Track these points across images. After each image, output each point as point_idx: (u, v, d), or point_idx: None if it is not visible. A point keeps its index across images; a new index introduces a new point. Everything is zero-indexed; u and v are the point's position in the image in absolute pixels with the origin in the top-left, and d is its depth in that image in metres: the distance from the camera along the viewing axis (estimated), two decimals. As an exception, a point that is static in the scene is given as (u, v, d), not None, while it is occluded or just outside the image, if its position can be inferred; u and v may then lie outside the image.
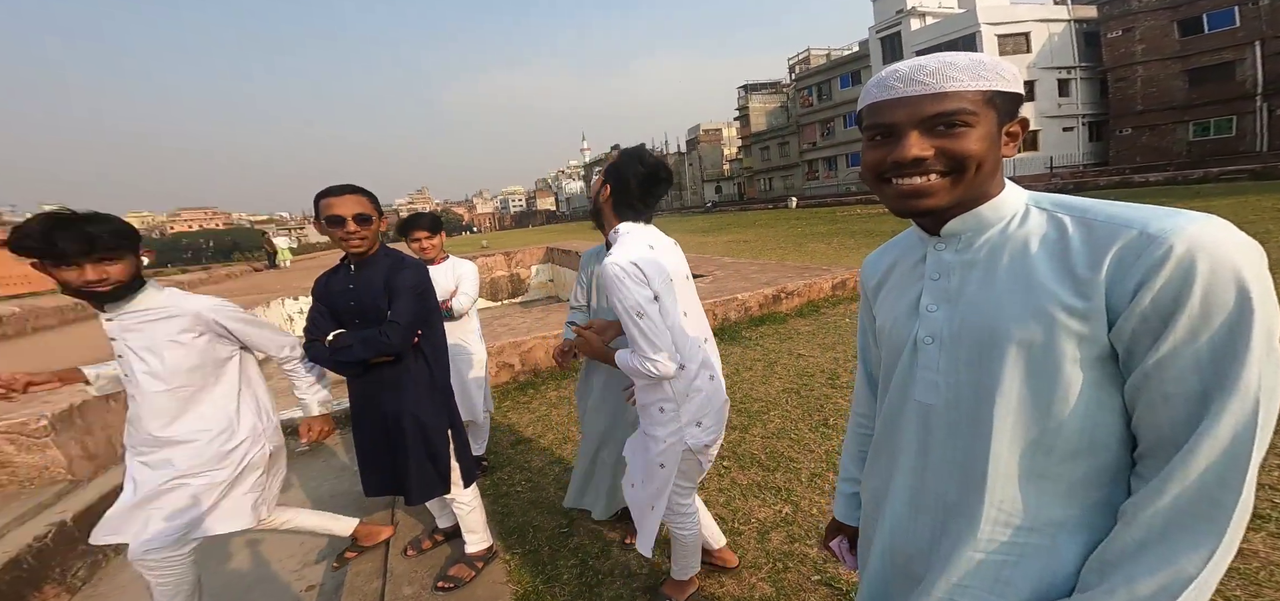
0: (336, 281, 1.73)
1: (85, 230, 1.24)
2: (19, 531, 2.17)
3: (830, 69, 35.01)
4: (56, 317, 7.13)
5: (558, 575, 1.96)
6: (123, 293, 1.38)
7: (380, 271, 1.68)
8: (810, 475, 2.43)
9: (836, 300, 5.61)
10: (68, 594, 2.17)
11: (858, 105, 0.69)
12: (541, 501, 2.46)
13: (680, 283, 1.37)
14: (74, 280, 1.28)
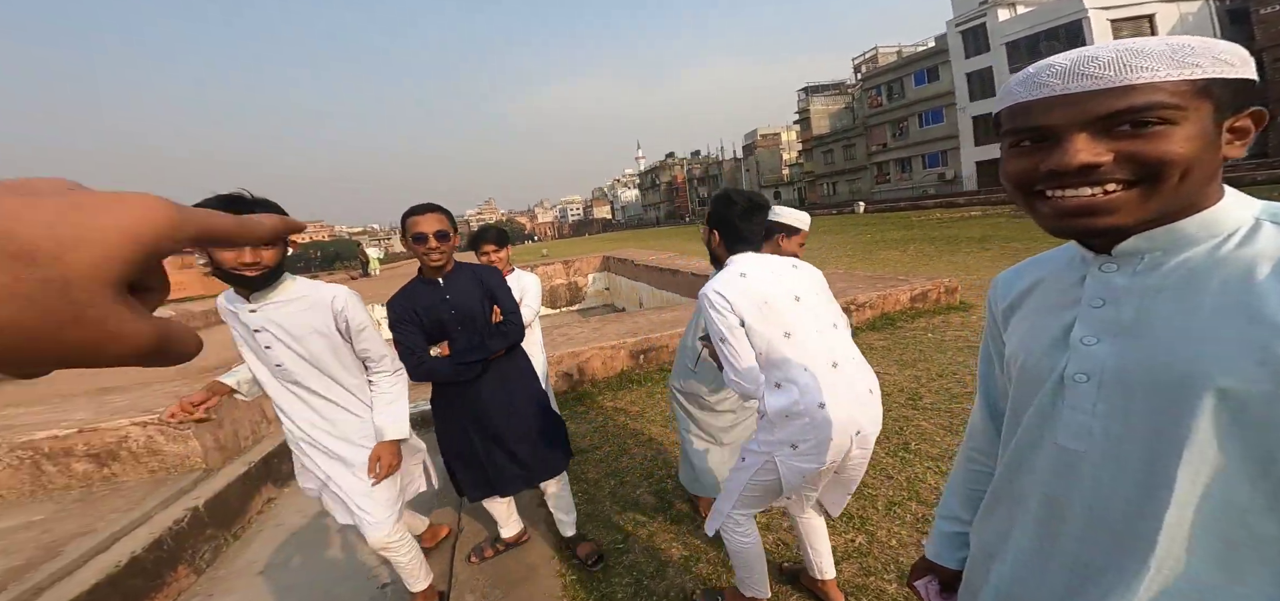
0: (427, 296, 1.77)
1: (258, 211, 1.33)
2: (162, 514, 2.50)
3: (903, 66, 32.96)
4: (203, 321, 8.35)
5: (612, 593, 1.93)
6: (268, 279, 1.41)
7: (469, 278, 1.82)
8: (888, 503, 2.23)
9: (916, 313, 5.18)
10: (195, 574, 2.44)
11: (995, 108, 0.59)
12: (597, 514, 2.44)
13: (782, 304, 1.37)
14: (231, 260, 1.31)
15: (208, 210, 0.22)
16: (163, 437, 3.08)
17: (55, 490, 2.84)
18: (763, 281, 1.38)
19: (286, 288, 1.51)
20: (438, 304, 1.77)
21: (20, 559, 2.08)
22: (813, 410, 1.30)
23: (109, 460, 3.00)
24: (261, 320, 1.48)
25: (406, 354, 1.74)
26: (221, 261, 1.32)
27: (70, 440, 2.93)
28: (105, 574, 2.03)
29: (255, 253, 1.34)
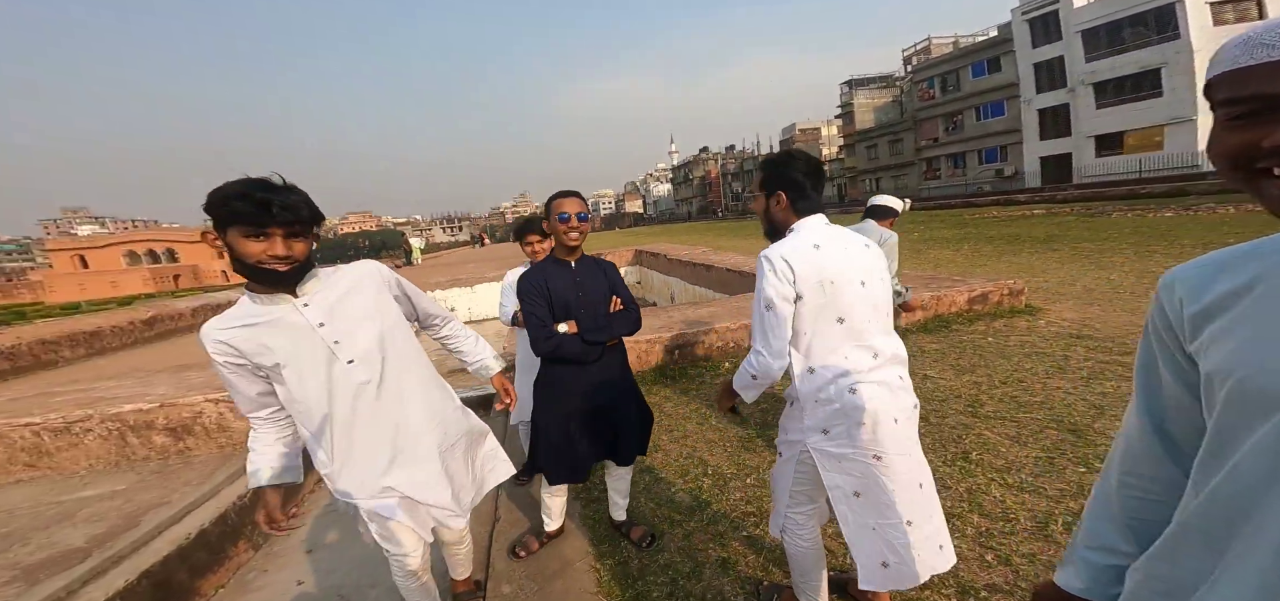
0: (560, 276, 1.89)
1: (290, 197, 1.13)
2: (229, 489, 2.67)
3: (959, 57, 31.09)
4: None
5: (646, 592, 1.88)
6: (294, 278, 1.22)
7: (595, 267, 1.96)
8: (949, 515, 2.06)
9: (974, 316, 4.83)
10: (253, 550, 2.57)
11: (1207, 74, 0.52)
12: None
13: (846, 287, 1.30)
14: (259, 253, 1.13)
15: None
16: (232, 414, 3.29)
17: (137, 461, 3.09)
18: (835, 257, 1.31)
19: (326, 277, 1.34)
20: (569, 284, 1.88)
21: (104, 526, 2.27)
22: (844, 395, 1.28)
23: (185, 434, 3.24)
24: (321, 313, 1.27)
25: (537, 325, 1.83)
26: (246, 254, 1.13)
27: (152, 414, 3.18)
28: (176, 546, 2.17)
29: (287, 243, 1.16)
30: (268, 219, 1.10)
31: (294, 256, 1.18)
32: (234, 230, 1.11)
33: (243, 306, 1.25)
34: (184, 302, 7.49)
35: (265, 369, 1.25)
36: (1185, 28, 20.45)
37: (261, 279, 1.18)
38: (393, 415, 1.37)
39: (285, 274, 1.18)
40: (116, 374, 4.27)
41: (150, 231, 45.36)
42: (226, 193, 1.10)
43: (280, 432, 1.36)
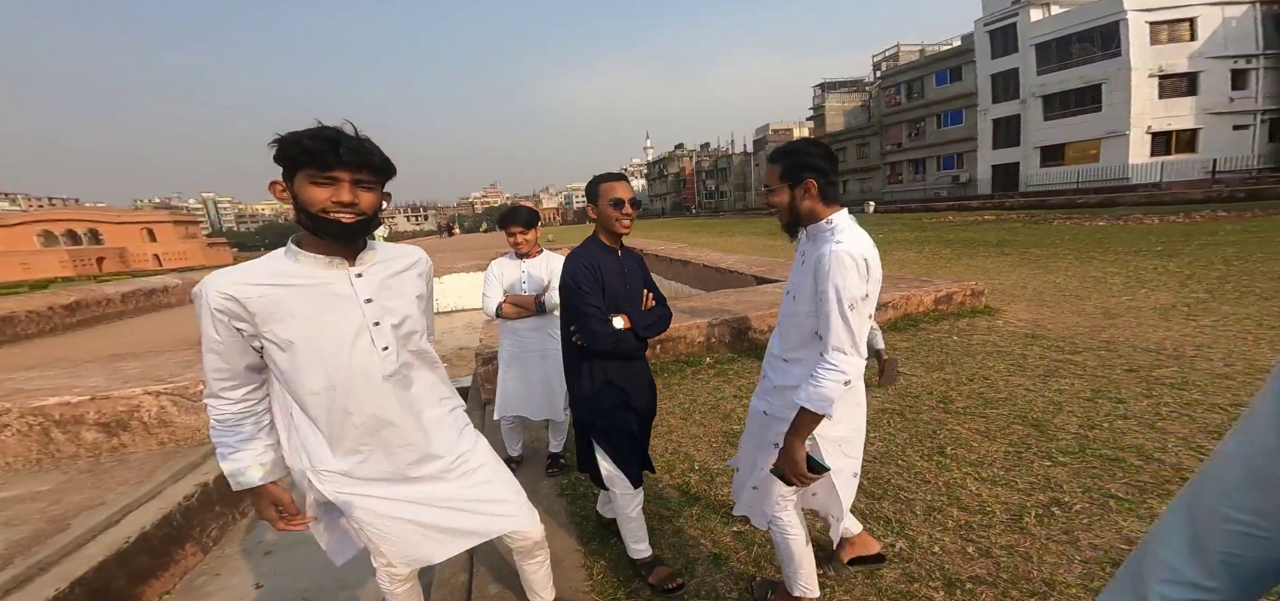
0: (611, 264, 1.76)
1: (362, 141, 1.07)
2: (173, 489, 2.44)
3: (925, 65, 32.46)
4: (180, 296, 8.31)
5: (639, 590, 1.85)
6: (361, 230, 1.12)
7: (632, 256, 1.87)
8: (927, 508, 2.13)
9: (939, 316, 5.05)
10: (202, 553, 2.39)
11: None
12: None
13: (877, 282, 1.36)
14: (325, 200, 1.05)
15: None
16: (175, 408, 3.02)
17: (63, 459, 2.79)
18: (875, 253, 1.35)
19: (381, 250, 1.22)
20: (617, 274, 1.77)
21: (27, 530, 2.02)
22: (855, 384, 1.41)
23: (119, 429, 2.94)
24: (371, 287, 1.17)
25: (598, 318, 1.67)
26: (310, 202, 1.04)
27: (82, 408, 2.87)
28: (114, 550, 1.97)
29: (353, 190, 1.06)
30: (335, 160, 1.03)
31: (361, 208, 1.08)
32: (301, 175, 1.04)
33: (271, 262, 1.12)
34: (112, 287, 6.83)
35: (268, 338, 1.09)
36: (1126, 46, 22.09)
37: (325, 232, 1.08)
38: (410, 414, 1.24)
39: (350, 227, 1.08)
40: (36, 364, 3.84)
41: (70, 210, 41.23)
42: (296, 133, 1.04)
43: (258, 422, 1.20)
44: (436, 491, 1.27)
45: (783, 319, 1.50)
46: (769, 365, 1.55)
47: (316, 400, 1.15)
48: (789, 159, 1.38)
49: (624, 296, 1.77)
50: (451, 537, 1.31)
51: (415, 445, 1.23)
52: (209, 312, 1.07)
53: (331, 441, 1.18)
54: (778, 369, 1.48)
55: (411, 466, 1.24)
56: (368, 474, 1.21)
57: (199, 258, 38.90)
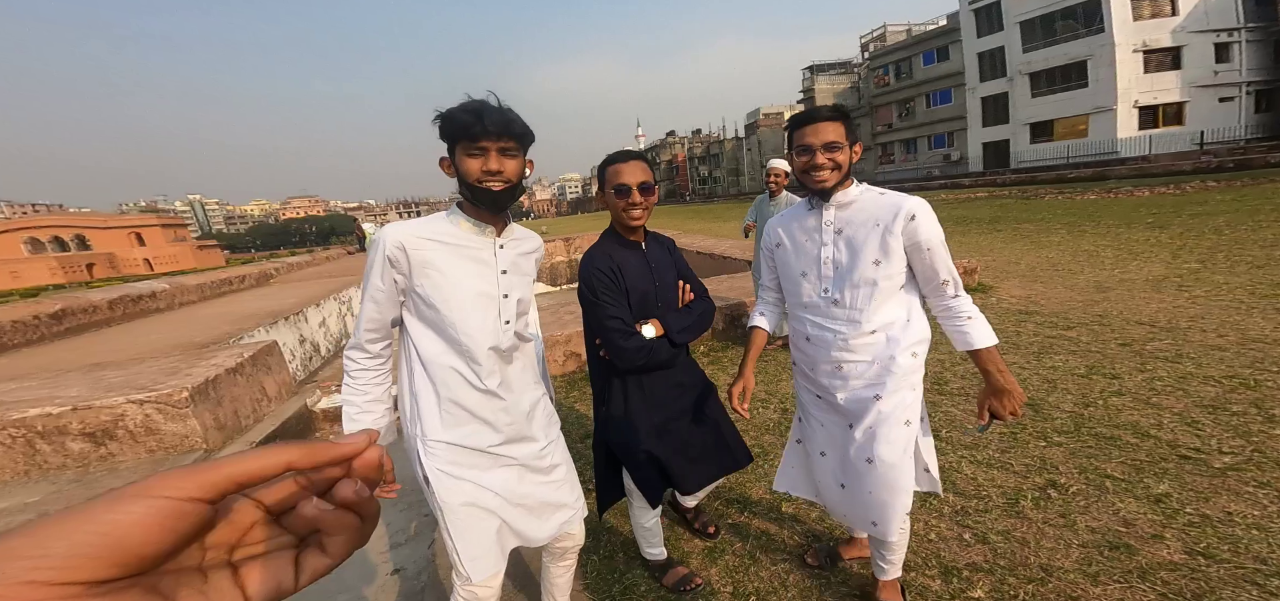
0: (633, 262, 1.53)
1: (504, 110, 1.14)
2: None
3: (912, 45, 32.25)
4: (197, 294, 8.21)
5: (634, 584, 1.85)
6: (509, 197, 1.20)
7: (661, 247, 1.64)
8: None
9: (932, 296, 5.06)
10: (196, 559, 2.37)
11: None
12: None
13: None
14: (477, 171, 1.14)
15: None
16: (161, 416, 2.97)
17: (51, 470, 2.74)
18: None
19: (518, 231, 1.31)
20: (642, 271, 1.53)
21: (9, 549, 1.97)
22: None
23: (106, 439, 2.89)
24: (507, 261, 1.27)
25: (621, 331, 1.46)
26: (467, 173, 1.14)
27: (64, 418, 2.82)
28: (101, 565, 1.92)
29: (499, 159, 1.14)
30: (481, 130, 1.11)
31: (506, 175, 1.17)
32: (458, 149, 1.15)
33: (435, 221, 1.23)
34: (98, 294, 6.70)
35: (417, 291, 1.18)
36: (1109, 21, 22.04)
37: (480, 200, 1.18)
38: (518, 391, 1.30)
39: (500, 194, 1.17)
40: (18, 374, 3.76)
41: (56, 217, 40.53)
42: (451, 109, 1.14)
43: (381, 384, 1.28)
44: (518, 487, 1.29)
45: (850, 297, 1.32)
46: (830, 358, 1.37)
47: (440, 362, 1.21)
48: (850, 118, 1.33)
49: (653, 296, 1.53)
50: (516, 540, 1.33)
51: (517, 424, 1.28)
52: (382, 259, 1.17)
53: (443, 409, 1.22)
54: (861, 347, 1.33)
55: (509, 445, 1.28)
56: (472, 444, 1.24)
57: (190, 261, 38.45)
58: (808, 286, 1.41)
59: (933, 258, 1.28)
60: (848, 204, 1.35)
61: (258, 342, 4.04)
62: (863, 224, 1.32)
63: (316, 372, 5.53)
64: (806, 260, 1.41)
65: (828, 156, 1.29)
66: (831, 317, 1.37)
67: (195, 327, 5.39)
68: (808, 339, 1.43)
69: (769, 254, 1.54)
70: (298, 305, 6.15)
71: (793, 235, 1.45)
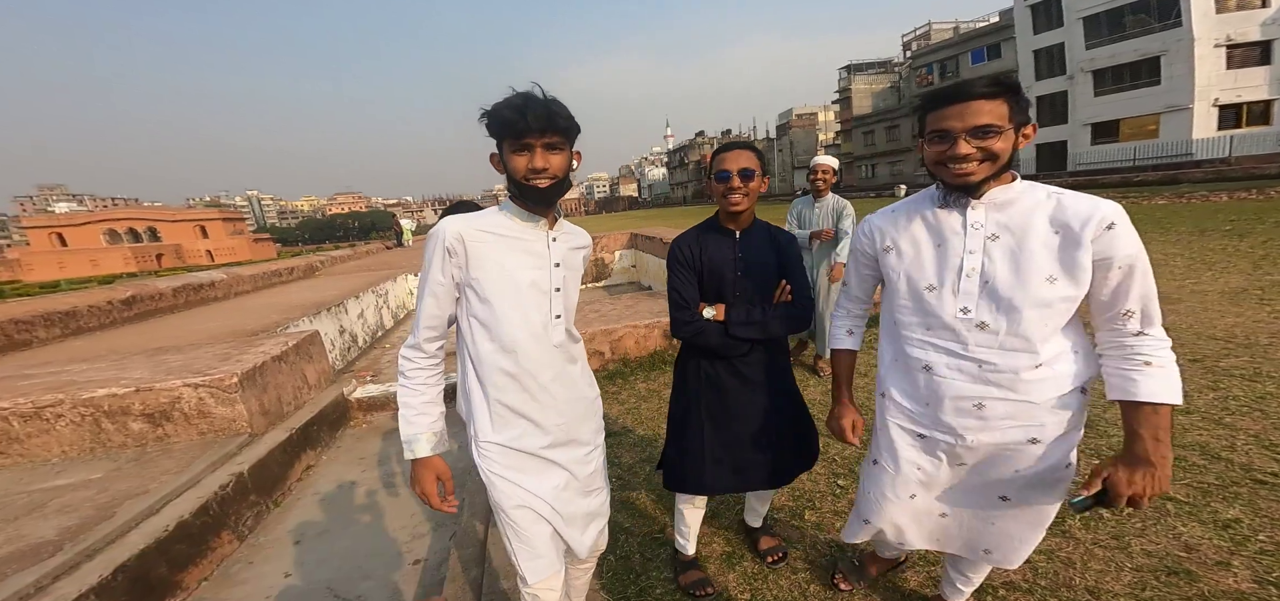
0: (718, 246, 1.57)
1: (547, 104, 1.11)
2: (210, 478, 2.53)
3: (959, 43, 30.92)
4: (251, 285, 8.72)
5: (650, 587, 1.82)
6: (556, 192, 1.17)
7: (766, 240, 1.59)
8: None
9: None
10: (237, 541, 2.46)
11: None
12: (631, 503, 2.34)
13: None
14: (524, 167, 1.12)
15: None
16: (212, 399, 3.15)
17: (113, 448, 2.95)
18: None
19: (568, 226, 1.32)
20: (727, 259, 1.56)
21: (76, 518, 2.14)
22: None
23: (163, 420, 3.10)
24: (559, 254, 1.25)
25: (677, 304, 1.57)
26: (514, 170, 1.13)
27: (128, 399, 3.03)
28: (154, 538, 2.05)
29: (544, 155, 1.12)
30: (525, 126, 1.09)
31: (552, 171, 1.14)
32: (505, 145, 1.13)
33: (490, 214, 1.24)
34: (164, 282, 7.23)
35: (472, 284, 1.18)
36: (1187, 15, 20.36)
37: (528, 197, 1.17)
38: (568, 387, 1.28)
39: (547, 190, 1.15)
40: (92, 356, 4.10)
41: (131, 210, 44.14)
42: (496, 104, 1.12)
43: (436, 386, 1.26)
44: (564, 494, 1.28)
45: (1007, 321, 1.05)
46: (963, 394, 1.11)
47: (490, 363, 1.20)
48: (1017, 93, 1.03)
49: (734, 285, 1.54)
50: (564, 545, 1.33)
51: (567, 425, 1.27)
52: (442, 251, 1.16)
53: (493, 411, 1.22)
54: (1016, 382, 1.06)
55: (556, 448, 1.26)
56: (521, 446, 1.23)
57: (245, 252, 41.15)
58: (937, 302, 1.12)
59: (1127, 280, 0.99)
60: (1006, 204, 1.07)
61: (301, 332, 4.24)
62: (1029, 230, 1.03)
63: (353, 363, 5.78)
64: (939, 270, 1.12)
65: (977, 144, 1.01)
66: (973, 344, 1.08)
67: (247, 316, 5.74)
68: (927, 368, 1.15)
69: (866, 259, 1.29)
70: (339, 297, 6.45)
71: (914, 237, 1.17)
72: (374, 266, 10.79)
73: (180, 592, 2.10)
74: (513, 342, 1.18)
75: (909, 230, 1.18)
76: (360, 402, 4.02)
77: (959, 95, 1.02)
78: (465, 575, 1.97)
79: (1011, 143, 1.02)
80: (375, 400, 4.05)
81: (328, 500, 2.84)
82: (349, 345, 6.13)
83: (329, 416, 3.70)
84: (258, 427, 3.14)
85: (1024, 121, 1.03)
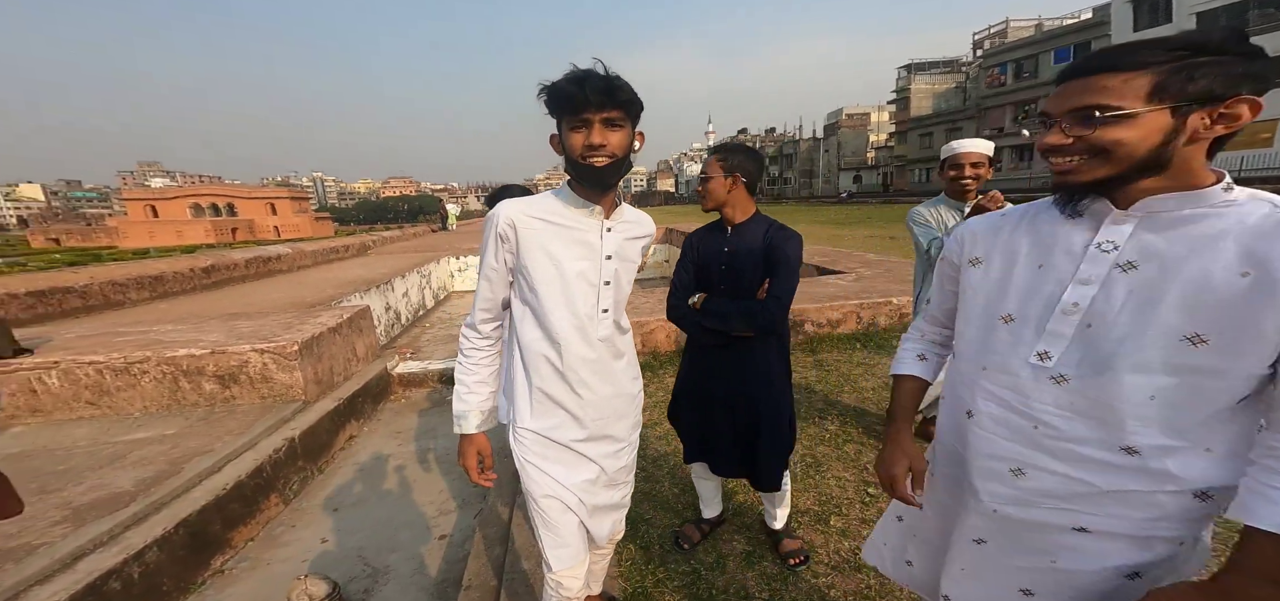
0: (711, 240, 1.69)
1: (607, 78, 1.06)
2: (266, 441, 2.73)
3: (1041, 41, 28.68)
4: (312, 260, 9.31)
5: (668, 579, 1.82)
6: (613, 172, 1.10)
7: (758, 234, 1.61)
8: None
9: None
10: (283, 504, 2.64)
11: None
12: (655, 494, 2.34)
13: None
14: (580, 145, 1.07)
15: None
16: (274, 365, 3.38)
17: (186, 406, 3.22)
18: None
19: (629, 213, 1.24)
20: (715, 251, 1.66)
21: (150, 470, 2.35)
22: None
23: (231, 382, 3.35)
24: (613, 246, 1.20)
25: (673, 289, 1.73)
26: (572, 149, 1.08)
27: (203, 360, 3.29)
28: (214, 496, 2.23)
29: (602, 132, 1.06)
30: (583, 101, 1.04)
31: (611, 148, 1.08)
32: (563, 123, 1.09)
33: (545, 198, 1.20)
34: (239, 254, 7.85)
35: (523, 270, 1.17)
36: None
37: (584, 178, 1.11)
38: (609, 382, 1.25)
39: (603, 170, 1.08)
40: (175, 318, 4.49)
41: (213, 186, 48.31)
42: (555, 80, 1.08)
43: (491, 365, 1.28)
44: (593, 487, 1.28)
45: (1100, 385, 0.75)
46: (1003, 454, 0.86)
47: (535, 350, 1.19)
48: (1186, 61, 0.66)
49: (728, 277, 1.62)
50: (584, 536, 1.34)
51: (604, 420, 1.25)
52: (495, 236, 1.16)
53: (533, 398, 1.22)
54: (1083, 463, 0.78)
55: (590, 443, 1.25)
56: (557, 437, 1.23)
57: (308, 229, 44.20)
58: (1009, 338, 0.84)
59: None
60: (1179, 222, 0.71)
61: (354, 306, 4.48)
62: (1193, 262, 0.69)
63: (395, 339, 6.07)
64: (1026, 297, 0.83)
65: (1078, 133, 0.71)
66: (1037, 401, 0.81)
67: (307, 289, 6.12)
68: (969, 413, 0.90)
69: (950, 271, 1.00)
70: (388, 275, 6.78)
71: (1012, 250, 0.86)
72: (421, 248, 11.26)
73: (229, 550, 2.27)
74: (557, 333, 1.16)
75: (1010, 241, 0.87)
76: (401, 378, 4.20)
77: (1075, 70, 0.73)
78: (488, 553, 2.02)
79: (1157, 132, 0.67)
80: (414, 376, 4.22)
81: (365, 470, 2.99)
82: (393, 322, 6.43)
83: (372, 389, 3.89)
84: (310, 395, 3.33)
85: (1207, 98, 0.65)
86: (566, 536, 1.24)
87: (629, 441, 1.34)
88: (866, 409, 3.04)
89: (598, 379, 1.21)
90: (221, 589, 2.08)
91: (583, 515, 1.26)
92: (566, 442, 1.22)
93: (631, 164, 1.14)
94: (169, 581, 1.96)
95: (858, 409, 3.11)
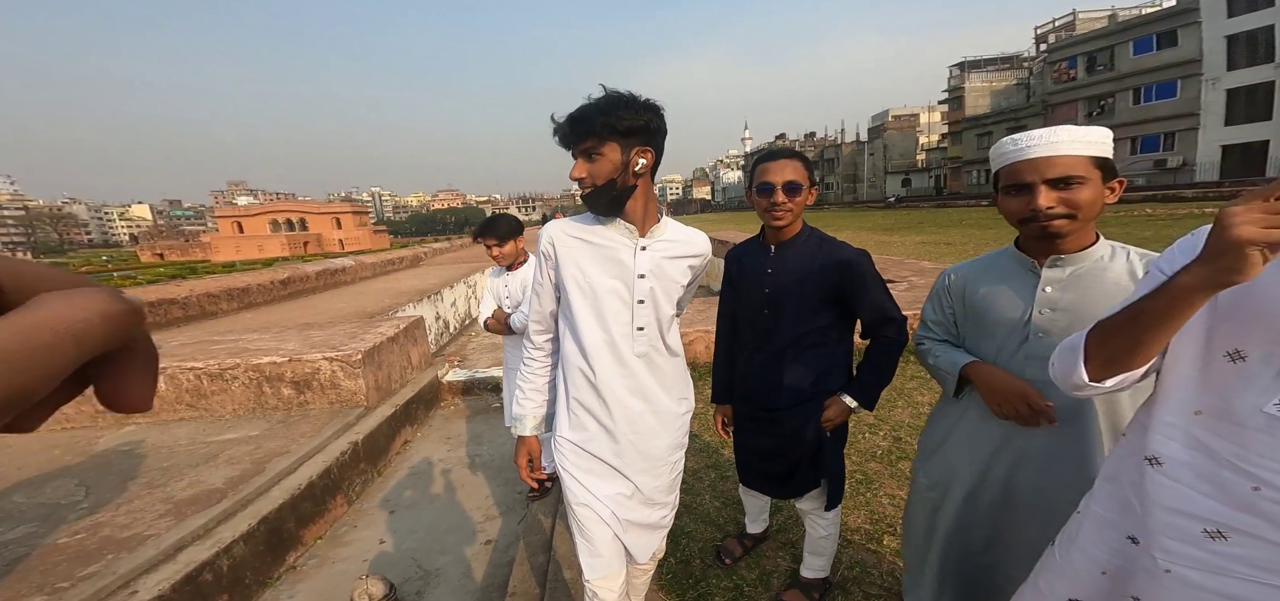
0: (753, 259, 1.54)
1: (577, 114, 1.06)
2: (334, 444, 2.93)
3: (1118, 31, 26.35)
4: (372, 272, 9.98)
5: (709, 593, 1.81)
6: (597, 200, 1.11)
7: (805, 253, 1.44)
8: None
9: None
10: (347, 504, 2.82)
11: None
12: (695, 507, 2.33)
13: None
14: (572, 177, 1.11)
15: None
16: (341, 372, 3.65)
17: (268, 409, 3.53)
18: None
19: (672, 230, 1.24)
20: (758, 274, 1.50)
21: (238, 469, 2.60)
22: None
23: (305, 388, 3.64)
24: (648, 264, 1.18)
25: (718, 318, 1.68)
26: (577, 179, 1.12)
27: (283, 367, 3.59)
28: (290, 495, 2.42)
29: (583, 164, 1.08)
30: (564, 139, 1.09)
31: (590, 178, 1.08)
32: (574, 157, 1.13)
33: (588, 219, 1.22)
34: (310, 266, 8.54)
35: (561, 286, 1.21)
36: None
37: (587, 206, 1.18)
38: (646, 402, 1.23)
39: (587, 197, 1.12)
40: (259, 327, 4.95)
41: (288, 203, 53.01)
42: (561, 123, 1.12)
43: (543, 375, 1.32)
44: (628, 503, 1.27)
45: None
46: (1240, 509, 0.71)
47: (573, 363, 1.23)
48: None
49: (770, 301, 1.46)
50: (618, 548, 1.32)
51: (639, 439, 1.23)
52: (540, 254, 1.24)
53: (571, 409, 1.24)
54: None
55: (622, 457, 1.23)
56: (592, 450, 1.23)
57: (367, 242, 47.60)
58: (1237, 378, 0.75)
59: None
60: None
61: (409, 317, 4.75)
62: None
63: (444, 347, 6.38)
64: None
65: None
66: (1267, 451, 0.71)
67: (368, 299, 6.58)
68: (1156, 461, 0.83)
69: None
70: (437, 286, 7.15)
71: None
72: (468, 259, 11.79)
73: (300, 547, 2.46)
74: (588, 348, 1.19)
75: None
76: (450, 386, 4.41)
77: None
78: (531, 560, 2.08)
79: None
80: (463, 384, 4.42)
81: (418, 474, 3.17)
82: (442, 331, 6.77)
83: (425, 396, 4.10)
84: (371, 401, 3.55)
85: None
86: (600, 546, 1.25)
87: (670, 460, 1.31)
88: (921, 424, 2.90)
89: (632, 396, 1.21)
90: (293, 584, 2.25)
91: (616, 528, 1.26)
92: (600, 455, 1.23)
93: (635, 184, 1.12)
94: (250, 574, 2.14)
95: (913, 424, 2.97)
